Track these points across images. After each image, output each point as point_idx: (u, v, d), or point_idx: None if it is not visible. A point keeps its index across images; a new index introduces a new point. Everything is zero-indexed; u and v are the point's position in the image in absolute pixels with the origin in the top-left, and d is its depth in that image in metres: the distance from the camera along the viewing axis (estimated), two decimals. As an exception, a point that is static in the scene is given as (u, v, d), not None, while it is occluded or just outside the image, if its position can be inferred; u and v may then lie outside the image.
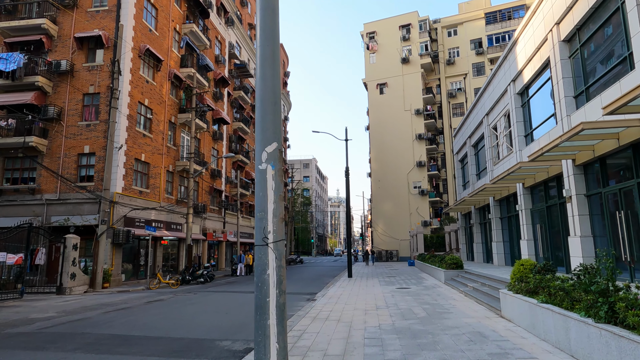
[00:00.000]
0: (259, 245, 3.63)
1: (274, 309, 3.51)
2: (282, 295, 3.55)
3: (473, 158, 25.29)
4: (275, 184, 3.73)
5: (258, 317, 3.49)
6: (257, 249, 3.64)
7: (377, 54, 53.00)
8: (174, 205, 25.71)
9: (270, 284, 3.53)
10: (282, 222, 3.72)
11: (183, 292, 17.32)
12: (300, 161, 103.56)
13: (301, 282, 21.16)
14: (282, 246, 3.66)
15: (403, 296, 13.37)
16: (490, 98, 20.28)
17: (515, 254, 18.52)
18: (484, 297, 11.42)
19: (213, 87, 33.10)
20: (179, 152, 26.87)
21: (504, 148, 18.97)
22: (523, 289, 7.80)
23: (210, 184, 31.46)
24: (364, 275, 23.59)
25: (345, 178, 23.52)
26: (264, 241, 3.60)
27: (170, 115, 26.02)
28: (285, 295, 3.57)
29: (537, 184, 15.24)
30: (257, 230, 3.68)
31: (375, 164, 50.68)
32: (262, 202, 3.69)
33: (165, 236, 24.02)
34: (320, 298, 13.63)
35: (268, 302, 3.52)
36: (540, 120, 15.07)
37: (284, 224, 3.75)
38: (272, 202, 3.69)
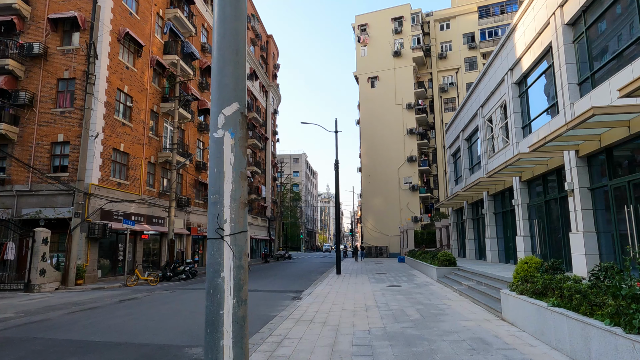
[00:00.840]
0: (212, 239, 2.73)
1: (230, 325, 2.60)
2: (242, 307, 2.65)
3: (466, 152, 24.59)
4: (235, 158, 2.81)
5: (208, 335, 2.58)
6: (209, 243, 2.74)
7: (368, 47, 52.09)
8: (155, 198, 24.60)
9: (225, 291, 2.63)
10: (244, 208, 2.81)
11: (161, 289, 16.33)
12: (290, 156, 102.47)
13: (287, 279, 20.30)
14: (244, 240, 2.76)
15: (394, 295, 12.58)
16: (485, 89, 19.53)
17: (510, 251, 17.86)
18: (480, 297, 10.66)
19: (199, 76, 31.91)
20: (162, 143, 25.72)
21: (499, 141, 18.26)
22: (529, 289, 7.01)
23: (195, 177, 30.35)
24: (353, 272, 22.80)
25: (335, 171, 22.65)
26: (218, 233, 2.70)
27: (152, 104, 24.84)
28: (246, 306, 2.67)
29: (535, 177, 14.53)
30: (210, 218, 2.77)
31: (365, 159, 49.92)
32: (217, 182, 2.78)
33: (146, 230, 22.93)
34: (306, 297, 12.78)
35: (222, 316, 2.61)
36: (539, 110, 14.35)
37: (246, 210, 2.83)
38: (231, 181, 2.78)
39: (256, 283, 18.49)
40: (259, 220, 48.33)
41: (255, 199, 46.71)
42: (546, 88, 13.79)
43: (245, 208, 2.83)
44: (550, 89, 13.52)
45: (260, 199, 48.50)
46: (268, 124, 54.70)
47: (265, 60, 55.36)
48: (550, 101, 13.37)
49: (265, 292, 14.89)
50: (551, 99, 13.35)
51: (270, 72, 56.62)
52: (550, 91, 13.52)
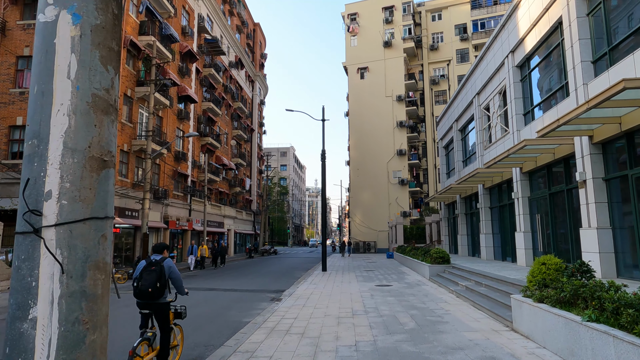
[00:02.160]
0: (21, 234, 1.30)
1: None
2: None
3: (460, 143, 23.40)
4: (79, 66, 1.38)
5: None
6: (16, 241, 1.32)
7: (358, 37, 50.62)
8: (128, 189, 22.91)
9: (37, 351, 1.21)
10: (99, 170, 1.36)
11: (123, 289, 14.79)
12: (277, 149, 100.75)
13: (269, 277, 18.90)
14: (93, 238, 1.32)
15: (384, 297, 11.27)
16: (482, 75, 18.29)
17: (507, 248, 16.72)
18: (482, 301, 9.41)
19: (179, 61, 30.12)
20: (136, 130, 23.99)
21: (497, 130, 17.05)
22: (552, 297, 5.72)
23: (173, 168, 28.67)
24: (339, 269, 21.51)
25: (322, 162, 21.26)
26: (30, 222, 1.28)
27: (126, 87, 23.07)
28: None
29: (539, 168, 13.33)
30: (20, 193, 1.33)
31: (354, 152, 48.61)
32: (38, 114, 1.34)
33: (117, 224, 21.28)
34: (287, 298, 11.40)
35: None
36: (544, 95, 13.12)
37: (109, 174, 1.39)
38: (67, 112, 1.35)
39: (234, 281, 17.06)
40: (244, 214, 46.76)
41: (240, 192, 45.11)
42: (553, 69, 12.55)
43: (107, 170, 1.38)
44: (556, 71, 12.29)
45: (245, 192, 46.91)
46: (254, 115, 52.99)
47: (251, 49, 53.54)
48: (558, 83, 12.14)
49: (242, 292, 13.48)
50: (559, 81, 12.11)
51: (257, 61, 54.82)
52: (556, 73, 12.28)
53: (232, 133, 43.80)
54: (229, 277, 19.11)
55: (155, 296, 4.98)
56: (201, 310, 10.08)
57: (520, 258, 14.22)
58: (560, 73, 12.01)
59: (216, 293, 13.35)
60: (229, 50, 43.59)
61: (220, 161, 38.05)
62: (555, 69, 12.35)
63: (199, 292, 13.67)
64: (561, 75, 11.96)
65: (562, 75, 11.83)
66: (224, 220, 39.36)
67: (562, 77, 11.90)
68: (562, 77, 11.85)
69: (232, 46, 44.13)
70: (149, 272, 5.01)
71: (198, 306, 10.73)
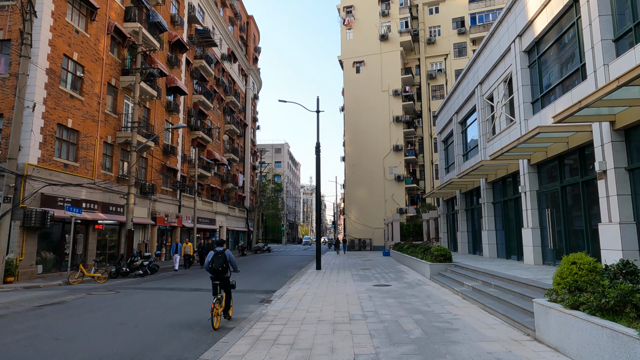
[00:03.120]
0: None
1: None
2: None
3: (460, 136, 22.47)
4: None
5: None
6: None
7: (354, 30, 49.56)
8: (113, 183, 21.77)
9: None
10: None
11: (105, 289, 13.71)
12: (272, 145, 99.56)
13: (260, 275, 17.88)
14: None
15: (383, 298, 10.30)
16: (486, 63, 17.34)
17: (512, 244, 15.82)
18: (493, 303, 8.46)
19: (168, 51, 28.92)
20: (122, 122, 22.82)
21: (501, 120, 16.11)
22: (591, 303, 4.76)
23: (162, 162, 27.51)
24: (334, 267, 20.54)
25: (316, 154, 20.24)
26: None
27: (109, 76, 21.88)
28: None
29: (549, 159, 12.40)
30: None
31: (349, 148, 47.63)
32: None
33: (101, 220, 20.15)
34: (277, 300, 10.40)
35: None
36: (556, 80, 12.18)
37: None
38: None
39: (223, 280, 16.01)
40: (237, 210, 45.66)
41: (232, 188, 44.00)
42: (566, 52, 11.60)
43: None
44: (570, 54, 11.35)
45: (237, 188, 45.80)
46: (247, 109, 51.82)
47: (245, 42, 52.32)
48: (573, 66, 11.19)
49: (230, 293, 12.44)
50: (573, 63, 11.17)
51: (250, 55, 53.60)
52: (570, 55, 11.34)
53: (225, 128, 42.65)
54: (217, 276, 18.06)
55: (222, 272, 7.76)
56: (182, 314, 9.05)
57: (527, 256, 13.31)
58: (575, 55, 11.07)
59: (201, 294, 12.32)
60: (221, 42, 42.38)
61: (211, 156, 36.91)
62: (569, 51, 11.41)
63: (182, 292, 12.63)
64: (576, 57, 11.02)
65: (578, 57, 10.89)
66: (216, 217, 38.25)
67: (577, 59, 10.96)
68: (578, 59, 10.90)
69: (224, 38, 42.91)
70: (218, 258, 7.78)
71: (179, 309, 9.69)
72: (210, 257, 7.85)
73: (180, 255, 20.84)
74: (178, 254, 20.51)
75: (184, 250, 20.97)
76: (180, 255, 20.71)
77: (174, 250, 20.75)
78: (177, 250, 20.80)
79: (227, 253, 7.90)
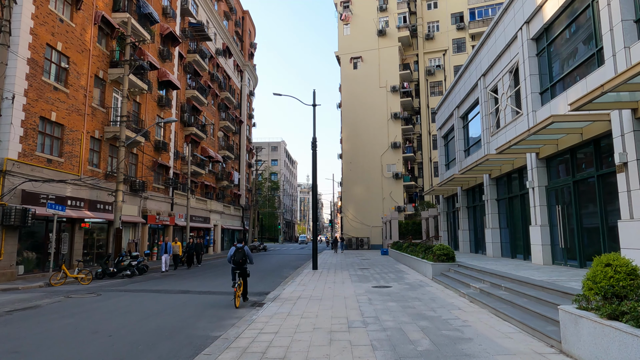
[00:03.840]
0: None
1: None
2: None
3: (461, 131, 21.72)
4: None
5: None
6: None
7: (351, 25, 48.74)
8: (101, 180, 20.89)
9: None
10: None
11: (86, 291, 12.87)
12: (268, 144, 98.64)
13: (254, 276, 17.08)
14: None
15: (384, 301, 9.53)
16: (490, 53, 16.58)
17: (518, 243, 15.08)
18: (506, 308, 7.70)
19: (159, 44, 28.02)
20: (110, 116, 21.94)
21: (506, 113, 15.37)
22: (637, 314, 3.99)
23: (153, 158, 26.64)
24: (331, 267, 19.76)
25: (312, 150, 19.44)
26: None
27: (97, 68, 20.99)
28: None
29: (560, 152, 11.65)
30: None
31: (346, 145, 46.84)
32: None
33: (87, 218, 19.29)
34: (270, 303, 9.61)
35: None
36: (567, 68, 11.43)
37: None
38: None
39: (213, 282, 15.22)
40: (232, 209, 44.80)
41: (228, 186, 43.14)
42: (580, 37, 10.85)
43: None
44: (584, 38, 10.60)
45: (233, 186, 44.94)
46: (243, 106, 50.92)
47: (240, 38, 51.38)
48: (588, 52, 10.44)
49: (220, 295, 11.66)
50: (588, 48, 10.42)
51: (246, 50, 52.68)
52: (585, 40, 10.59)
53: (219, 124, 41.76)
54: (209, 276, 17.26)
55: (242, 264, 9.74)
56: (164, 320, 8.25)
57: (535, 255, 12.58)
58: (590, 39, 10.31)
59: (189, 297, 11.51)
60: (216, 37, 41.47)
61: (206, 153, 36.05)
62: (583, 36, 10.65)
63: (169, 295, 11.81)
64: (591, 41, 10.26)
65: (593, 42, 10.13)
66: (210, 215, 37.40)
67: (592, 43, 10.20)
68: (593, 44, 10.14)
69: (219, 32, 41.99)
70: (238, 252, 9.73)
71: (161, 314, 8.89)
72: (233, 251, 9.83)
73: (171, 255, 19.53)
74: (167, 254, 19.28)
75: (173, 250, 19.67)
76: (170, 255, 19.44)
77: (163, 250, 19.64)
78: (166, 250, 19.57)
79: (246, 249, 9.90)
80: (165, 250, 19.27)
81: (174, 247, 19.51)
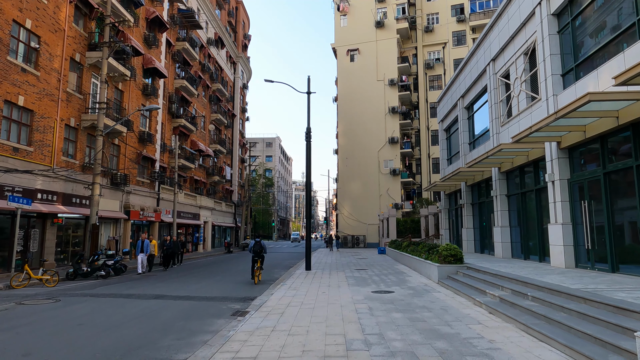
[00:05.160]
0: None
1: None
2: None
3: (466, 123, 20.31)
4: None
5: None
6: None
7: (348, 16, 47.21)
8: (77, 172, 19.29)
9: None
10: None
11: (46, 295, 11.32)
12: (262, 139, 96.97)
13: (240, 277, 15.58)
14: None
15: (388, 312, 8.09)
16: (501, 35, 15.15)
17: (532, 244, 13.69)
18: (539, 324, 6.27)
19: (145, 29, 26.36)
20: (88, 103, 20.31)
21: (520, 100, 13.95)
22: None
23: (137, 150, 25.02)
24: (326, 267, 18.32)
25: (306, 141, 17.96)
26: None
27: (73, 51, 19.35)
28: None
29: (587, 141, 10.25)
30: None
31: (343, 140, 45.37)
32: None
33: (61, 212, 17.71)
34: (253, 313, 8.14)
35: None
36: (594, 46, 10.01)
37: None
38: None
39: (195, 285, 13.71)
40: (223, 205, 43.22)
41: (219, 181, 41.56)
42: (613, 5, 9.42)
43: None
44: (618, 8, 9.17)
45: (225, 181, 43.35)
46: (236, 99, 49.26)
47: (234, 29, 49.68)
48: (624, 23, 9.02)
49: (199, 301, 10.17)
50: (625, 19, 9.00)
51: (239, 42, 50.98)
52: (619, 9, 9.17)
53: (211, 117, 40.14)
54: (192, 278, 15.74)
55: (260, 252, 13.54)
56: (122, 335, 6.75)
57: (556, 257, 11.19)
58: (625, 9, 8.88)
59: (163, 303, 10.01)
60: (208, 26, 39.79)
61: (195, 146, 34.44)
62: (617, 6, 9.22)
63: (141, 301, 10.31)
64: (627, 11, 8.83)
65: (633, 10, 8.70)
66: (200, 211, 35.81)
67: (630, 13, 8.77)
68: (634, 12, 8.71)
69: (210, 21, 40.30)
70: (257, 244, 13.53)
71: (122, 327, 7.38)
72: (253, 244, 13.60)
73: (146, 255, 17.46)
74: (143, 254, 17.12)
75: (150, 249, 17.59)
76: (146, 254, 17.48)
77: (139, 249, 17.17)
78: (142, 249, 17.19)
79: (262, 242, 13.78)
80: (141, 249, 17.27)
81: (150, 246, 17.54)
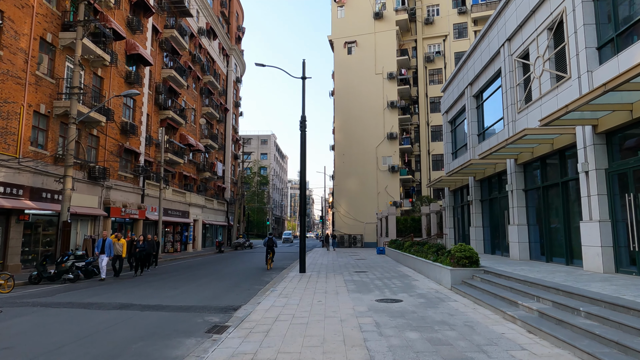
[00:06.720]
0: None
1: None
2: None
3: (474, 112, 18.71)
4: None
5: None
6: None
7: (346, 7, 45.53)
8: (47, 164, 17.51)
9: None
10: None
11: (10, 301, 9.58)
12: (257, 136, 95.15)
13: (227, 281, 13.89)
14: None
15: (400, 330, 6.43)
16: (519, 10, 13.54)
17: (557, 244, 12.09)
18: (610, 354, 4.65)
19: (129, 12, 24.56)
20: (61, 88, 18.52)
21: (542, 81, 12.35)
22: None
23: (119, 142, 23.23)
24: (322, 269, 16.67)
25: (301, 131, 16.29)
26: None
27: (43, 30, 17.56)
28: None
29: (631, 123, 8.66)
30: None
31: (339, 135, 43.73)
32: None
33: (28, 208, 15.94)
34: (232, 331, 6.49)
35: None
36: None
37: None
38: None
39: (172, 291, 11.99)
40: (215, 202, 41.45)
41: (211, 178, 39.79)
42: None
43: None
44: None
45: (216, 178, 41.58)
46: (229, 93, 47.46)
47: (227, 20, 47.85)
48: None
49: (170, 312, 8.48)
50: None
51: (232, 33, 49.14)
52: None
53: (202, 110, 38.35)
54: (171, 282, 14.03)
55: (272, 246, 18.19)
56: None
57: (590, 260, 9.59)
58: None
59: (126, 315, 8.31)
60: (199, 15, 37.98)
61: (185, 140, 32.66)
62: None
63: (100, 312, 8.59)
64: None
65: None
66: (190, 208, 34.03)
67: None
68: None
69: (201, 10, 38.48)
70: (269, 240, 18.01)
71: (62, 350, 5.67)
72: (267, 239, 17.89)
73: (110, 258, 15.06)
74: (105, 255, 14.31)
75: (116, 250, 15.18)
76: (109, 256, 14.35)
77: (99, 248, 14.41)
78: (103, 249, 14.37)
79: (274, 238, 18.18)
80: (102, 248, 14.40)
81: (116, 245, 15.19)
